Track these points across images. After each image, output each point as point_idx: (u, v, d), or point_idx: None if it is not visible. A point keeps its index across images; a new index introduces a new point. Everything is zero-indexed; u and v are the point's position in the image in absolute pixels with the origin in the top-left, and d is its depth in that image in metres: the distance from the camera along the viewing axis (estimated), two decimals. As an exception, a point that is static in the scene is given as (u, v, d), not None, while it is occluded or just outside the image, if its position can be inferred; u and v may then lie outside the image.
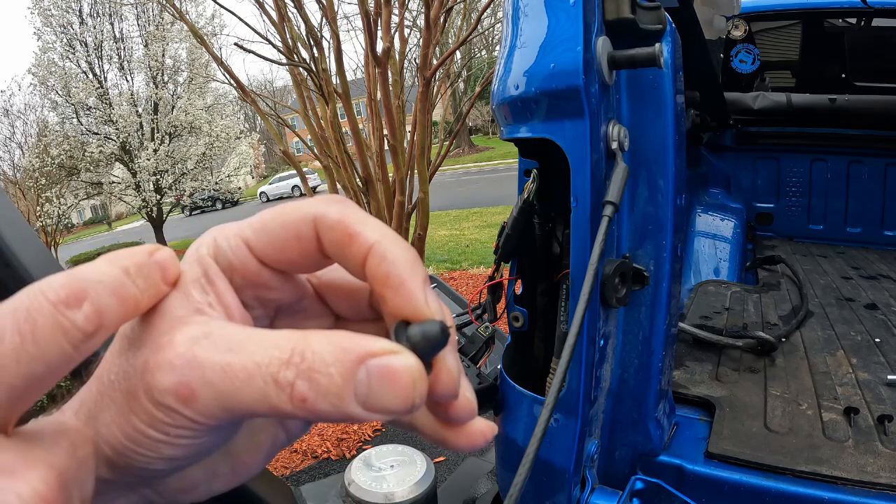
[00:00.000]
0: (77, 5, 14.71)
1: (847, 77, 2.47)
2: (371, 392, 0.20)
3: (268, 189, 27.97)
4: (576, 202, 0.75)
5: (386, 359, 0.20)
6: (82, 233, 29.26)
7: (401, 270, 0.23)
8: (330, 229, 0.23)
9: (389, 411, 0.20)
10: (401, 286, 0.23)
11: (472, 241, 8.33)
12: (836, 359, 1.22)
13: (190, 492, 0.26)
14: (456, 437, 0.26)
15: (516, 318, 0.96)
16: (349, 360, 0.20)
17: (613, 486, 0.85)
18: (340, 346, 0.20)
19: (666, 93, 0.80)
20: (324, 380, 0.20)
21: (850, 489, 0.78)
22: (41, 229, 13.71)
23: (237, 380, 0.20)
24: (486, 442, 0.27)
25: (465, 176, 19.84)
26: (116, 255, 0.22)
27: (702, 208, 2.26)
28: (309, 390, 0.20)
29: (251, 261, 0.24)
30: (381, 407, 0.20)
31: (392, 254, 0.23)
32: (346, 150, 5.05)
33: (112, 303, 0.20)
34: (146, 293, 0.22)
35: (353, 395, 0.20)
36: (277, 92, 32.17)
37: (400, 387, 0.20)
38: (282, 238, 0.24)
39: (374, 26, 4.28)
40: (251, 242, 0.24)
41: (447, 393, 0.24)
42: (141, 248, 0.23)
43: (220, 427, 0.22)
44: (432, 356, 0.23)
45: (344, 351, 0.20)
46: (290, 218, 0.24)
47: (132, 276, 0.21)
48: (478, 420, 0.27)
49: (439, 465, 2.98)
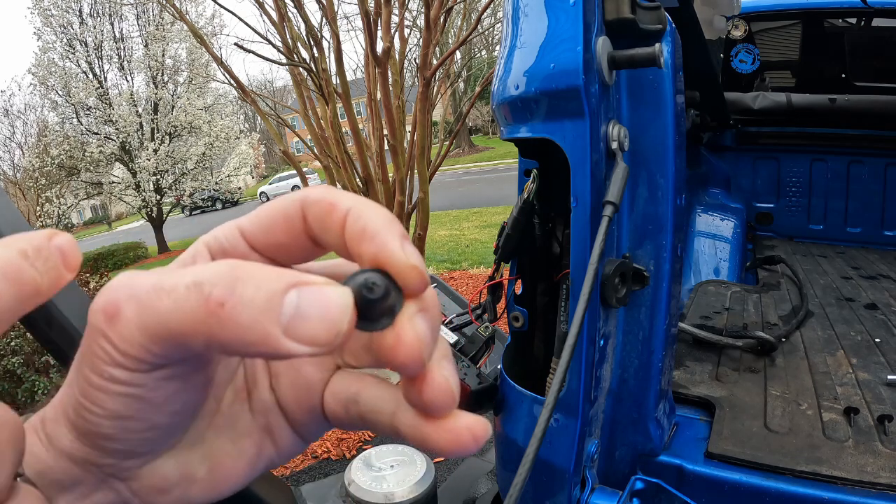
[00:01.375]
0: (77, 5, 14.73)
1: (847, 77, 2.47)
2: (297, 314, 0.19)
3: (268, 189, 27.97)
4: (576, 202, 0.75)
5: (320, 287, 0.20)
6: (82, 233, 29.27)
7: (376, 224, 0.22)
8: (314, 204, 0.23)
9: (311, 340, 0.19)
10: (375, 236, 0.22)
11: (472, 241, 8.33)
12: (836, 359, 1.22)
13: (165, 493, 0.25)
14: (437, 433, 0.24)
15: (516, 318, 0.96)
16: (282, 281, 0.19)
17: (613, 486, 0.85)
18: (277, 270, 0.20)
19: (666, 93, 0.80)
20: (249, 291, 0.19)
21: (850, 489, 0.78)
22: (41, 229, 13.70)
23: (162, 292, 0.19)
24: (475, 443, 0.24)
25: (465, 176, 19.84)
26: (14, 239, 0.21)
27: (702, 208, 2.26)
28: (230, 295, 0.19)
29: (241, 244, 0.25)
30: (303, 333, 0.19)
31: (368, 212, 0.23)
32: (346, 150, 5.06)
33: (7, 287, 0.20)
34: (46, 276, 0.21)
35: (277, 315, 0.19)
36: (277, 92, 32.17)
37: (327, 312, 0.19)
38: (270, 219, 0.24)
39: (374, 26, 4.28)
40: (244, 227, 0.25)
41: (410, 359, 0.22)
42: (40, 232, 0.22)
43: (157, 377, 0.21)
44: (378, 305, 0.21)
45: (279, 273, 0.20)
46: (281, 201, 0.24)
47: (30, 259, 0.21)
48: (464, 416, 0.24)
49: (439, 465, 2.98)
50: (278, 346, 0.19)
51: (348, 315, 0.20)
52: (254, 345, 0.19)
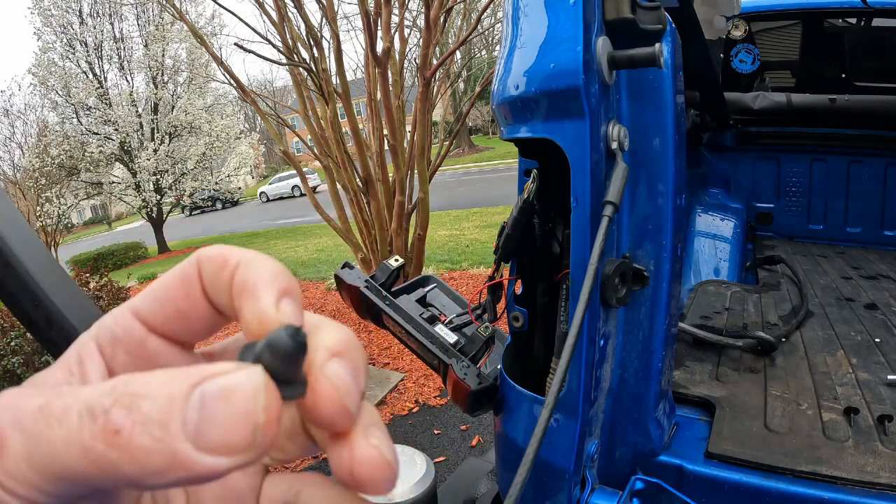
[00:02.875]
0: (77, 5, 14.73)
1: (847, 77, 2.47)
2: (203, 418, 0.16)
3: (268, 189, 27.99)
4: (576, 202, 0.75)
5: (225, 375, 0.17)
6: (82, 233, 29.29)
7: (257, 278, 0.20)
8: (208, 260, 0.22)
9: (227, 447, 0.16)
10: (253, 291, 0.20)
11: (472, 241, 8.33)
12: (836, 359, 1.22)
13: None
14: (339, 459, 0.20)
15: (516, 318, 0.96)
16: (181, 383, 0.17)
17: (613, 486, 0.85)
18: (172, 373, 0.17)
19: (666, 93, 0.80)
20: (146, 405, 0.16)
21: (850, 489, 0.78)
22: (41, 229, 13.71)
23: (52, 420, 0.17)
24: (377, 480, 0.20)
25: (465, 176, 19.84)
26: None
27: (702, 208, 2.26)
28: (126, 418, 0.16)
29: (136, 327, 0.22)
30: (215, 440, 0.16)
31: (253, 265, 0.21)
32: (346, 150, 5.06)
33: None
34: None
35: (181, 425, 0.16)
36: (277, 92, 32.18)
37: (235, 404, 0.17)
38: (167, 286, 0.22)
39: (374, 26, 4.28)
40: (137, 307, 0.23)
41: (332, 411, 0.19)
42: None
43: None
44: (290, 368, 0.19)
45: (174, 377, 0.17)
46: (177, 267, 0.22)
47: None
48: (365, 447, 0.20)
49: (439, 465, 2.98)
50: (191, 466, 0.16)
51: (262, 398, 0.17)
52: (165, 472, 0.16)
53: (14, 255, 0.46)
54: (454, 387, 0.92)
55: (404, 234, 4.92)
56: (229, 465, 0.17)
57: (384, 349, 4.60)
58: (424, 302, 1.14)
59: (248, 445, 0.17)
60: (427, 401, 3.74)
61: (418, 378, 4.04)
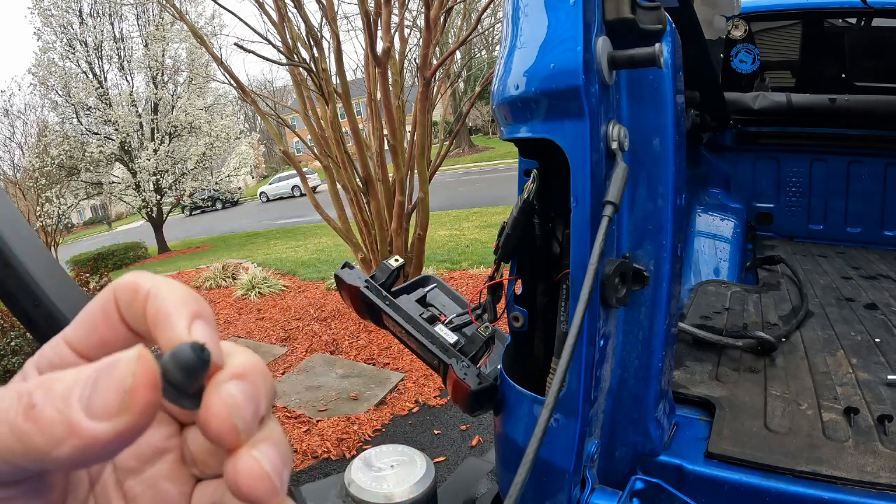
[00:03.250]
0: (77, 5, 14.72)
1: (847, 77, 2.47)
2: (93, 391, 0.19)
3: (268, 189, 28.00)
4: (576, 202, 0.75)
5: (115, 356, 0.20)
6: (82, 233, 29.29)
7: (168, 306, 0.22)
8: (122, 290, 0.23)
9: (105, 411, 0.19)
10: (166, 319, 0.22)
11: (472, 241, 8.33)
12: (836, 359, 1.22)
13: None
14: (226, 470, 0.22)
15: (516, 318, 0.96)
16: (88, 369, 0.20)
17: (613, 486, 0.85)
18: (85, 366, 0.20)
19: (666, 93, 0.80)
20: (58, 386, 0.20)
21: (850, 489, 0.78)
22: (41, 229, 13.71)
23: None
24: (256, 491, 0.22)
25: (465, 176, 19.85)
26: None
27: (702, 208, 2.26)
28: (41, 397, 0.19)
29: (67, 354, 0.24)
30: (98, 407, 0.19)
31: (162, 293, 0.22)
32: (346, 150, 5.06)
33: None
34: None
35: (77, 399, 0.19)
36: (277, 92, 32.18)
37: (114, 376, 0.19)
38: (90, 316, 0.24)
39: (374, 26, 4.28)
40: (67, 336, 0.24)
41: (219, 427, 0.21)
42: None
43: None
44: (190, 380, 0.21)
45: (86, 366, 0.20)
46: (97, 297, 0.24)
47: None
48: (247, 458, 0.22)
49: (439, 465, 2.98)
50: (82, 432, 0.19)
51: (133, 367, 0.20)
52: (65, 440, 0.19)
53: (14, 255, 0.46)
54: (454, 387, 0.92)
55: (404, 234, 4.92)
56: (110, 430, 0.19)
57: (384, 349, 4.60)
58: (424, 302, 1.14)
59: (120, 408, 0.19)
60: (427, 401, 3.74)
61: (418, 378, 4.04)
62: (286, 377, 4.37)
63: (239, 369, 0.22)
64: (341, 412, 3.69)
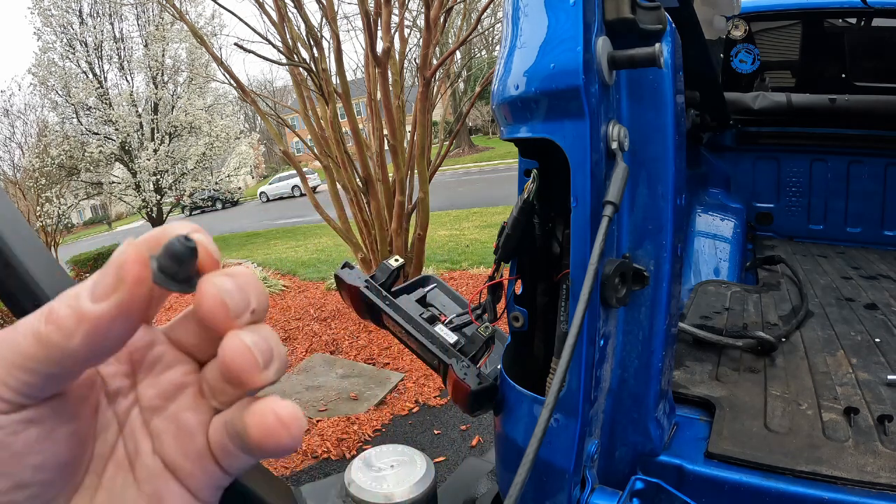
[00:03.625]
0: (77, 5, 14.71)
1: (847, 77, 2.47)
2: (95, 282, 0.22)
3: (268, 189, 27.98)
4: (576, 202, 0.75)
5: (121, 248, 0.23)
6: (82, 233, 29.27)
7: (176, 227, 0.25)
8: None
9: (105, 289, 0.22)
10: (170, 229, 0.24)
11: (472, 241, 8.33)
12: (836, 359, 1.22)
13: None
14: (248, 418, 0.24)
15: (516, 318, 0.96)
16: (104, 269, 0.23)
17: (613, 486, 0.85)
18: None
19: (666, 93, 0.80)
20: (72, 290, 0.22)
21: (850, 489, 0.78)
22: (41, 229, 13.70)
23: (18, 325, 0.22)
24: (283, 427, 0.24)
25: (465, 176, 19.84)
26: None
27: (702, 208, 2.26)
28: (58, 303, 0.22)
29: None
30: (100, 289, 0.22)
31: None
32: (346, 150, 5.06)
33: None
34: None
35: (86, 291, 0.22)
36: (277, 92, 32.18)
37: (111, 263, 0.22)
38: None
39: (374, 26, 4.28)
40: None
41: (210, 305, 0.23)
42: None
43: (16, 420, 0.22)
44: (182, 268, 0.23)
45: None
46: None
47: None
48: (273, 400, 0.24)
49: (439, 465, 2.98)
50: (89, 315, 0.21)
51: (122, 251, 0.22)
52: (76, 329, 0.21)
53: (14, 255, 0.46)
54: (454, 387, 0.92)
55: (404, 234, 4.92)
56: (112, 306, 0.22)
57: (384, 349, 4.60)
58: (424, 302, 1.14)
59: (116, 283, 0.22)
60: (427, 401, 3.74)
61: (418, 378, 4.04)
62: (286, 377, 4.37)
63: (233, 270, 0.25)
64: (341, 412, 3.69)
